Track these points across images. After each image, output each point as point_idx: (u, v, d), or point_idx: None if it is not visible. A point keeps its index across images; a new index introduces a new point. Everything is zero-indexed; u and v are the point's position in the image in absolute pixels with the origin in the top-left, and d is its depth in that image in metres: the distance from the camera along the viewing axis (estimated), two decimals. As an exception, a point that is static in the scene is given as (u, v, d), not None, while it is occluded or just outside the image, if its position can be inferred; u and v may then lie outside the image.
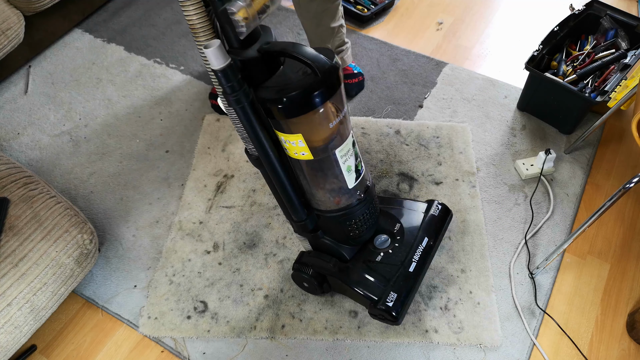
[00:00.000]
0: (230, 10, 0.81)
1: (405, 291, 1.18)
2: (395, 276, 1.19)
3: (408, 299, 1.18)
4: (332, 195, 1.09)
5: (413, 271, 1.20)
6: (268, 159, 0.98)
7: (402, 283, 1.18)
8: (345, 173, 1.05)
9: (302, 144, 0.96)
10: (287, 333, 1.30)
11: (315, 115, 0.93)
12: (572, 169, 1.61)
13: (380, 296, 1.16)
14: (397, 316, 1.15)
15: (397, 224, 1.28)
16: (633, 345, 1.30)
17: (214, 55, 0.80)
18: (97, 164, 1.65)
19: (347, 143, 1.02)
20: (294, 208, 1.11)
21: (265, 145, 0.96)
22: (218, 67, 0.82)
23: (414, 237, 1.25)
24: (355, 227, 1.17)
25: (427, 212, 1.31)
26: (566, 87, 1.56)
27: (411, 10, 2.16)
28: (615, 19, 1.71)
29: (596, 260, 1.45)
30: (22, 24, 1.73)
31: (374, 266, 1.21)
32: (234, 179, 1.60)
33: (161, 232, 1.49)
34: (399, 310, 1.15)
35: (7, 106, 1.81)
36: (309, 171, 1.04)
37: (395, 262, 1.21)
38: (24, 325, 1.11)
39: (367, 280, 1.19)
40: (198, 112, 1.78)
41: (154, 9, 2.14)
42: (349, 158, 1.04)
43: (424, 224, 1.28)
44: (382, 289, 1.17)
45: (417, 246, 1.24)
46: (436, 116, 1.76)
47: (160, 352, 1.30)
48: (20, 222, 1.16)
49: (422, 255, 1.23)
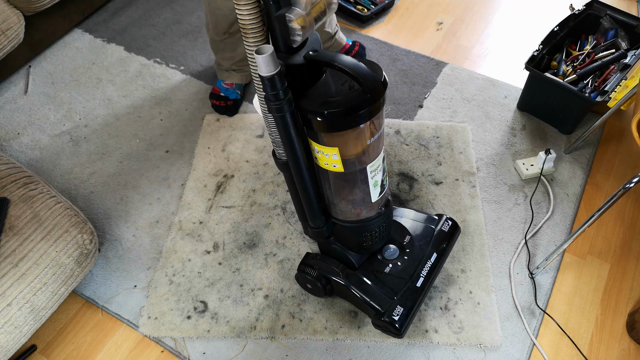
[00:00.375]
0: (288, 18, 0.78)
1: (411, 306, 1.18)
2: (402, 290, 1.19)
3: (413, 313, 1.19)
4: (353, 207, 1.10)
5: (420, 286, 1.20)
6: (298, 167, 0.97)
7: (408, 297, 1.18)
8: (372, 187, 1.04)
9: (337, 157, 0.95)
10: (287, 333, 1.30)
11: (355, 131, 0.91)
12: (572, 169, 1.61)
13: (387, 309, 1.17)
14: (401, 330, 1.16)
15: (407, 236, 1.28)
16: (633, 345, 1.30)
17: (264, 62, 0.78)
18: (97, 164, 1.65)
19: (379, 159, 1.01)
20: (314, 215, 1.11)
21: (297, 154, 0.94)
22: (267, 74, 0.79)
23: (423, 252, 1.25)
24: (370, 238, 1.18)
25: (437, 227, 1.29)
26: (566, 87, 1.56)
27: (411, 10, 2.16)
28: (615, 19, 1.71)
29: (596, 260, 1.44)
30: (22, 24, 1.73)
31: (383, 277, 1.21)
32: (234, 179, 1.60)
33: (161, 232, 1.49)
34: (404, 324, 1.16)
35: (7, 106, 1.81)
36: (336, 182, 1.03)
37: (404, 275, 1.21)
38: (24, 325, 1.11)
39: (374, 291, 1.19)
40: (198, 112, 1.78)
41: (154, 9, 2.14)
42: (378, 173, 1.03)
43: (433, 239, 1.27)
44: (389, 302, 1.17)
45: (425, 261, 1.23)
46: (436, 116, 1.76)
47: (160, 352, 1.30)
48: (20, 222, 1.16)
49: (430, 270, 1.23)
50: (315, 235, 1.18)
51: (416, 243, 1.26)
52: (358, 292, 1.20)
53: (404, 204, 1.53)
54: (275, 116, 0.86)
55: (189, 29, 2.06)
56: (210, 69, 1.91)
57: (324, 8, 0.83)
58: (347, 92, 0.87)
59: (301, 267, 1.27)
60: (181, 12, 2.13)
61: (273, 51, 0.78)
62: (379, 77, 0.87)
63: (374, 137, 0.95)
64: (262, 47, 0.78)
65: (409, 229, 1.29)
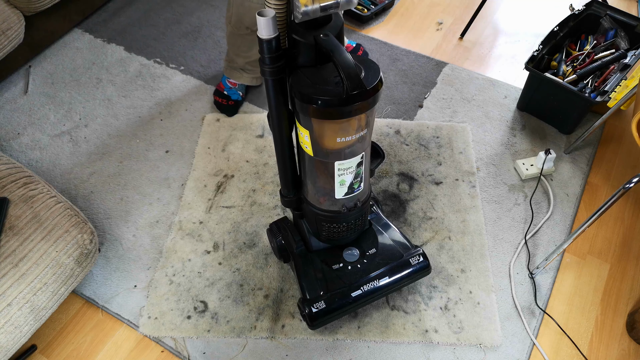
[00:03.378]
0: None
1: (334, 308, 1.20)
2: (335, 291, 1.20)
3: (333, 315, 1.20)
4: (318, 193, 1.12)
5: (354, 297, 1.21)
6: (278, 131, 1.02)
7: (337, 300, 1.20)
8: (337, 184, 1.06)
9: (308, 139, 0.98)
10: (287, 333, 1.30)
11: (322, 124, 0.93)
12: (572, 169, 1.61)
13: (311, 298, 1.19)
14: (313, 324, 1.19)
15: (374, 249, 1.28)
16: (633, 345, 1.30)
17: (265, 25, 0.83)
18: (97, 164, 1.65)
19: (351, 162, 1.02)
20: (285, 182, 1.15)
21: (280, 119, 0.99)
22: (265, 37, 0.85)
23: (377, 269, 1.24)
24: (328, 231, 1.20)
25: (406, 258, 1.26)
26: (566, 87, 1.56)
27: (411, 10, 2.16)
28: (615, 19, 1.71)
29: (596, 260, 1.45)
30: (22, 24, 1.73)
31: (327, 271, 1.23)
32: (234, 179, 1.60)
33: (161, 232, 1.49)
34: (319, 320, 1.19)
35: (7, 106, 1.81)
36: (308, 163, 1.06)
37: (346, 280, 1.22)
38: (24, 325, 1.11)
39: (312, 278, 1.22)
40: (198, 112, 1.78)
41: (154, 9, 2.14)
42: (347, 175, 1.04)
43: (395, 265, 1.25)
44: (317, 295, 1.20)
45: (374, 280, 1.23)
46: (436, 116, 1.76)
47: (160, 352, 1.30)
48: (20, 222, 1.16)
49: (372, 290, 1.22)
50: (284, 202, 1.22)
51: (377, 260, 1.26)
52: (298, 271, 1.24)
53: (403, 204, 1.53)
54: (266, 79, 0.91)
55: (189, 29, 2.06)
56: (210, 69, 1.91)
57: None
58: (333, 84, 0.89)
59: (272, 225, 1.32)
60: (181, 12, 2.13)
61: (274, 16, 0.83)
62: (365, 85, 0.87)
63: (344, 139, 0.95)
64: (265, 11, 0.83)
65: (380, 244, 1.29)
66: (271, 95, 0.94)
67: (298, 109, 0.92)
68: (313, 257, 1.26)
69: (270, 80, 0.91)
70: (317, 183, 1.09)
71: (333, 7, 0.84)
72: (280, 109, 0.97)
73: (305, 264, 1.25)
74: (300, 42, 0.88)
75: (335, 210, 1.14)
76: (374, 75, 0.91)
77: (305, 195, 1.16)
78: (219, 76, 1.88)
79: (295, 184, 1.16)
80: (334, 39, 0.86)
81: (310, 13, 0.83)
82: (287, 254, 1.31)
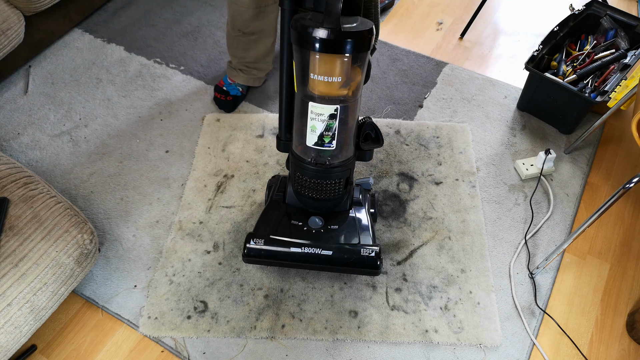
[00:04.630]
0: None
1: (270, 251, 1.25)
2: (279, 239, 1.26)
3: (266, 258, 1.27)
4: (297, 138, 1.20)
5: (292, 252, 1.25)
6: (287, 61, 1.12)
7: (275, 245, 1.25)
8: (308, 129, 1.13)
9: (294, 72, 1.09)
10: (287, 333, 1.30)
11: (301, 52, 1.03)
12: (572, 169, 1.61)
13: (258, 235, 1.26)
14: (245, 254, 1.26)
15: (337, 226, 1.29)
16: (633, 345, 1.30)
17: None
18: (97, 164, 1.65)
19: (322, 108, 1.09)
20: (281, 123, 1.24)
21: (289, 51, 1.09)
22: None
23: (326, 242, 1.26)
24: (296, 181, 1.26)
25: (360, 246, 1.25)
26: (566, 87, 1.56)
27: (411, 10, 2.16)
28: (615, 19, 1.71)
29: (596, 260, 1.45)
30: (22, 24, 1.73)
31: (284, 222, 1.30)
32: (234, 179, 1.60)
33: (161, 232, 1.49)
34: (251, 253, 1.25)
35: (7, 106, 1.81)
36: (296, 102, 1.15)
37: (295, 235, 1.27)
38: (24, 325, 1.11)
39: (269, 220, 1.30)
40: (198, 112, 1.78)
41: (154, 9, 2.14)
42: (318, 122, 1.11)
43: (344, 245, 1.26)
44: (264, 234, 1.26)
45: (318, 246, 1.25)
46: (436, 116, 1.76)
47: (160, 352, 1.30)
48: (20, 222, 1.15)
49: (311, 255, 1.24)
50: (278, 146, 1.30)
51: (334, 235, 1.28)
52: (264, 211, 1.33)
53: (404, 204, 1.53)
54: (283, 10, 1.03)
55: (189, 29, 2.06)
56: (210, 69, 1.91)
57: None
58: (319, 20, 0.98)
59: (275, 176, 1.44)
60: (181, 12, 2.13)
61: None
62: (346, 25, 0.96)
63: (316, 77, 1.04)
64: None
65: (345, 224, 1.30)
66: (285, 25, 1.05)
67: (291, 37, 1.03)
68: (283, 206, 1.33)
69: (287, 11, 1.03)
70: (298, 125, 1.17)
71: None
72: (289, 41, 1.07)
73: (272, 208, 1.33)
74: None
75: (305, 160, 1.19)
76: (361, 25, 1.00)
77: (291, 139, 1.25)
78: (219, 76, 1.88)
79: (289, 127, 1.24)
80: None
81: None
82: None
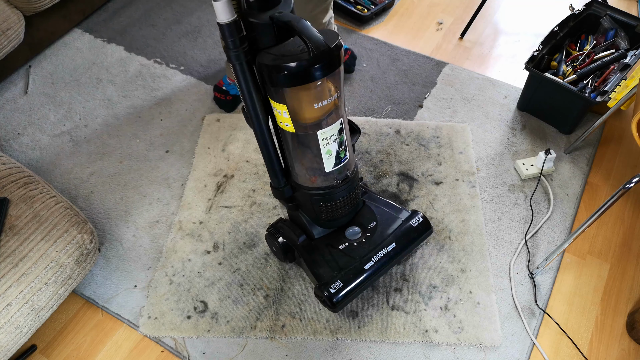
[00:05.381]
0: None
1: (352, 284, 1.21)
2: (348, 268, 1.22)
3: (353, 292, 1.21)
4: (309, 173, 1.13)
5: (368, 269, 1.23)
6: (255, 118, 1.03)
7: (352, 276, 1.21)
8: (325, 156, 1.08)
9: (286, 115, 1.00)
10: (287, 333, 1.30)
11: (298, 92, 0.96)
12: (572, 169, 1.61)
13: (327, 281, 1.19)
14: (335, 304, 1.19)
15: (374, 222, 1.30)
16: (633, 345, 1.30)
17: (221, 9, 0.86)
18: (97, 164, 1.65)
19: (332, 128, 1.04)
20: (273, 172, 1.16)
21: (255, 105, 1.00)
22: (223, 21, 0.87)
23: (382, 239, 1.27)
24: (326, 210, 1.21)
25: (406, 221, 1.31)
26: (566, 87, 1.56)
27: (411, 10, 2.16)
28: (615, 19, 1.71)
29: (596, 260, 1.45)
30: (22, 24, 1.73)
31: (335, 252, 1.25)
32: (234, 179, 1.60)
33: (161, 232, 1.49)
34: (339, 299, 1.19)
35: (7, 106, 1.81)
36: (292, 143, 1.07)
37: (355, 255, 1.24)
38: (24, 325, 1.11)
39: (321, 262, 1.24)
40: (198, 112, 1.78)
41: (154, 9, 2.14)
42: (332, 143, 1.06)
43: (397, 230, 1.29)
44: (332, 275, 1.21)
45: (381, 248, 1.26)
46: (436, 116, 1.76)
47: (160, 352, 1.30)
48: (20, 222, 1.16)
49: (383, 258, 1.25)
50: (276, 195, 1.23)
51: (379, 230, 1.29)
52: (307, 259, 1.24)
53: (403, 204, 1.53)
54: (234, 64, 0.93)
55: (189, 29, 2.06)
56: (210, 69, 1.91)
57: None
58: (299, 52, 0.92)
59: (270, 228, 1.32)
60: (181, 12, 2.13)
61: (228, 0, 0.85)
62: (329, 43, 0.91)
63: (321, 102, 0.98)
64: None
65: (377, 217, 1.31)
66: (242, 80, 0.96)
67: (270, 83, 0.94)
68: (317, 244, 1.27)
69: (238, 65, 0.93)
70: (305, 161, 1.11)
71: None
72: (253, 95, 0.99)
73: (312, 252, 1.26)
74: (257, 24, 0.91)
75: (329, 186, 1.15)
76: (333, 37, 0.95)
77: (296, 179, 1.17)
78: (219, 76, 1.88)
79: (283, 172, 1.17)
80: (289, 13, 0.91)
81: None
82: (292, 253, 1.32)
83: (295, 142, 1.07)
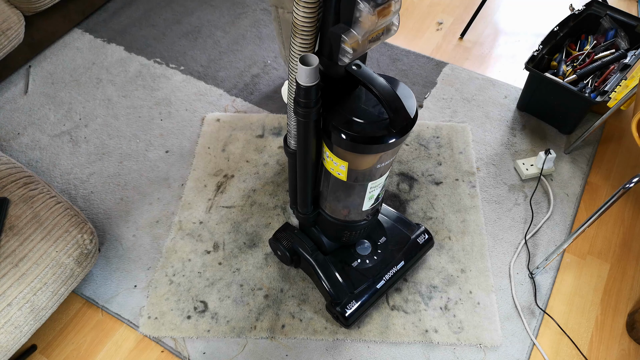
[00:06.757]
0: (342, 39, 0.76)
1: (365, 303, 1.25)
2: (362, 287, 1.25)
3: (364, 309, 1.26)
4: (343, 208, 1.13)
5: (380, 288, 1.26)
6: (305, 163, 1.00)
7: (366, 296, 1.25)
8: (367, 199, 1.08)
9: (344, 168, 0.97)
10: (287, 333, 1.30)
11: (366, 157, 0.93)
12: (572, 169, 1.61)
13: (343, 300, 1.23)
14: (350, 323, 1.24)
15: (383, 237, 1.32)
16: (633, 345, 1.30)
17: (306, 74, 0.77)
18: (97, 164, 1.65)
19: (383, 178, 1.04)
20: (305, 203, 1.16)
21: (309, 154, 0.96)
22: (305, 85, 0.79)
23: (393, 257, 1.30)
24: (349, 236, 1.23)
25: (412, 236, 1.34)
26: (566, 87, 1.56)
27: (411, 10, 2.16)
28: (615, 19, 1.71)
29: (596, 260, 1.45)
30: (22, 24, 1.73)
31: (348, 270, 1.27)
32: (234, 179, 1.60)
33: (161, 232, 1.49)
34: (354, 319, 1.24)
35: (7, 106, 1.81)
36: (335, 186, 1.06)
37: (368, 274, 1.27)
38: (24, 325, 1.11)
39: (337, 280, 1.26)
40: (198, 112, 1.78)
41: (154, 9, 2.14)
42: (377, 189, 1.07)
43: (406, 248, 1.31)
44: (347, 295, 1.24)
45: (392, 267, 1.29)
46: (436, 116, 1.76)
47: (160, 352, 1.30)
48: (20, 222, 1.16)
49: (393, 276, 1.28)
50: (300, 219, 1.24)
51: (389, 246, 1.31)
52: (322, 276, 1.26)
53: (404, 204, 1.53)
54: (300, 120, 0.87)
55: (189, 29, 2.06)
56: (210, 68, 1.91)
57: (382, 31, 0.80)
58: (376, 117, 0.86)
59: (277, 234, 1.32)
60: (181, 12, 2.13)
61: (317, 65, 0.76)
62: (409, 113, 0.86)
63: (384, 163, 0.97)
64: (308, 57, 0.76)
65: (386, 230, 1.33)
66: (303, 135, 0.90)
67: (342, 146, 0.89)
68: (330, 259, 1.28)
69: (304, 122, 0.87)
70: (345, 201, 1.10)
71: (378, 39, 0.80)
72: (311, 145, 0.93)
73: (326, 267, 1.27)
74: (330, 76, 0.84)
75: (358, 220, 1.16)
76: (409, 97, 0.89)
77: (325, 209, 1.17)
78: (219, 76, 1.88)
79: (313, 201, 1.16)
80: (368, 69, 0.83)
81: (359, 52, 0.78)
82: (299, 259, 1.32)
83: (340, 186, 1.04)
